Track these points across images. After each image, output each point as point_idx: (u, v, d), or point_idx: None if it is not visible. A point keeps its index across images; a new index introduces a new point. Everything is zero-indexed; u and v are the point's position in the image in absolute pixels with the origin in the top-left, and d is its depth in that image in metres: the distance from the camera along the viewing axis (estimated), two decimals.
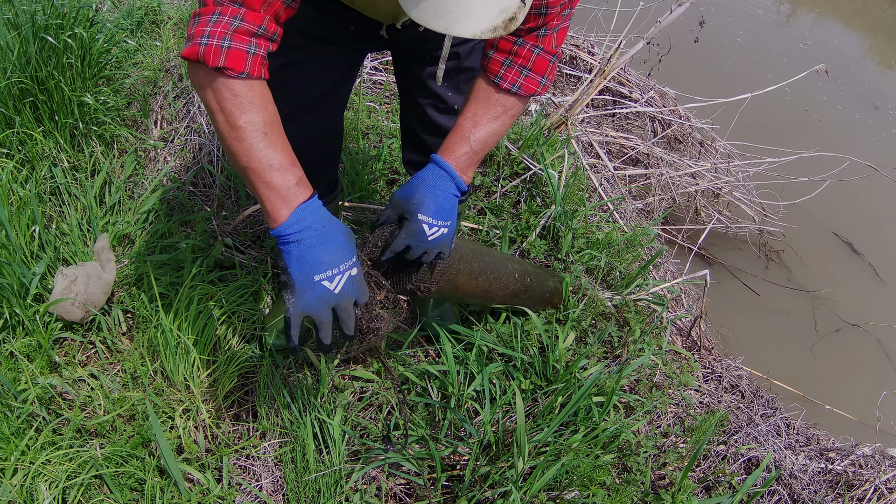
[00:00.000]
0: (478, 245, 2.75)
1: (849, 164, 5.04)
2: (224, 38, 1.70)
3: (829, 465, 3.14)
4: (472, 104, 2.16)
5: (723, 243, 4.93)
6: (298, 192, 1.80)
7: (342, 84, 2.56)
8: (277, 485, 2.57)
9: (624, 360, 3.07)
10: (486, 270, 2.60)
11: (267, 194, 1.79)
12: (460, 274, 2.44)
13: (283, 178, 1.78)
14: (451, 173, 2.09)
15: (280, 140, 1.81)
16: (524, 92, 2.14)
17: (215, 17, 1.71)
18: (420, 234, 2.03)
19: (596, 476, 2.57)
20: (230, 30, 1.70)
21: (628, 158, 4.70)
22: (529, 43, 2.08)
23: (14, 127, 3.48)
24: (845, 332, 4.56)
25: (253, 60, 1.74)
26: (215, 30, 1.70)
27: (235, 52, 1.71)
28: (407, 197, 2.05)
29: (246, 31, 1.73)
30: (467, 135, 2.12)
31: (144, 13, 4.63)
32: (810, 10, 8.77)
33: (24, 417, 2.56)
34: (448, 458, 2.67)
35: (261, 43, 1.76)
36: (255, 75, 1.75)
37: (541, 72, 2.13)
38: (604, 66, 4.35)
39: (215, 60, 1.70)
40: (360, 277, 1.83)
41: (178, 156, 3.77)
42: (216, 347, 2.83)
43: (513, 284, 2.76)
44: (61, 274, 2.84)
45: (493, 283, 2.66)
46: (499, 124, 2.17)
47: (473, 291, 2.61)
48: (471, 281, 2.53)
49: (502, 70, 2.11)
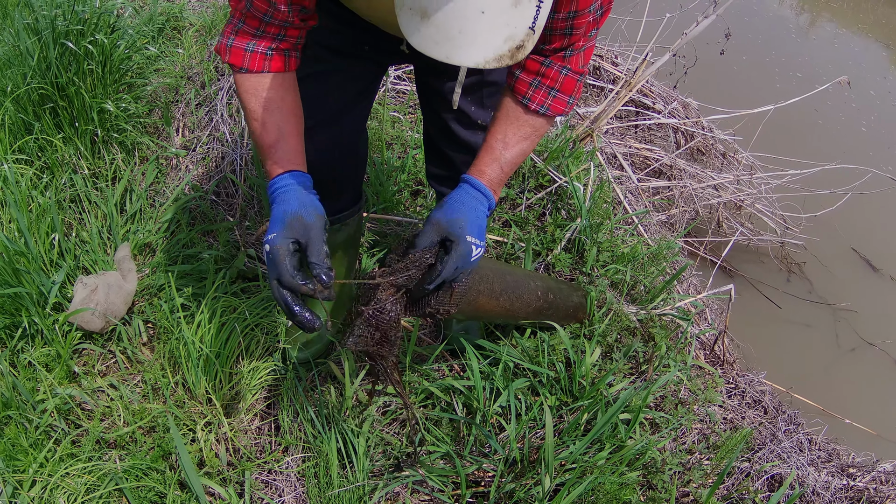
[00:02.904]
0: (498, 263, 2.72)
1: (870, 176, 4.99)
2: (230, 37, 1.95)
3: (850, 482, 3.11)
4: (502, 124, 2.12)
5: (744, 255, 4.89)
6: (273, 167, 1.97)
7: (364, 97, 2.53)
8: (300, 500, 2.54)
9: (650, 377, 3.04)
10: (508, 289, 2.56)
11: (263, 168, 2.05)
12: (481, 294, 2.40)
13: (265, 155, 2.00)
14: (486, 194, 2.05)
15: (270, 120, 1.99)
16: (552, 113, 2.11)
17: (230, 18, 1.96)
18: (467, 256, 1.96)
19: (622, 495, 2.53)
20: (234, 30, 1.95)
21: (651, 170, 4.66)
22: (557, 63, 2.03)
23: (34, 133, 3.47)
24: (865, 346, 4.52)
25: (251, 57, 1.95)
26: (227, 29, 1.96)
27: (236, 51, 1.95)
28: (451, 219, 1.97)
29: (246, 33, 1.94)
30: (498, 155, 2.08)
31: (166, 19, 4.62)
32: (830, 21, 8.72)
33: (43, 428, 2.54)
34: (473, 474, 2.64)
35: (261, 42, 1.95)
36: (254, 70, 1.96)
37: (568, 91, 2.09)
38: (630, 77, 4.32)
39: (224, 56, 1.97)
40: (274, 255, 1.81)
41: (201, 164, 3.75)
42: (239, 360, 2.80)
43: (535, 302, 2.72)
44: (81, 283, 2.82)
45: (515, 301, 2.61)
46: (527, 144, 2.14)
47: (495, 311, 2.57)
48: (492, 301, 2.49)
49: (530, 91, 2.07)
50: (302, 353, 2.87)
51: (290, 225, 1.83)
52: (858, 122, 6.65)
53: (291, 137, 2.00)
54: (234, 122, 3.90)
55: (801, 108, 5.29)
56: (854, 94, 6.69)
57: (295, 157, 1.99)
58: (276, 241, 1.81)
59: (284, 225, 1.83)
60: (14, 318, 2.78)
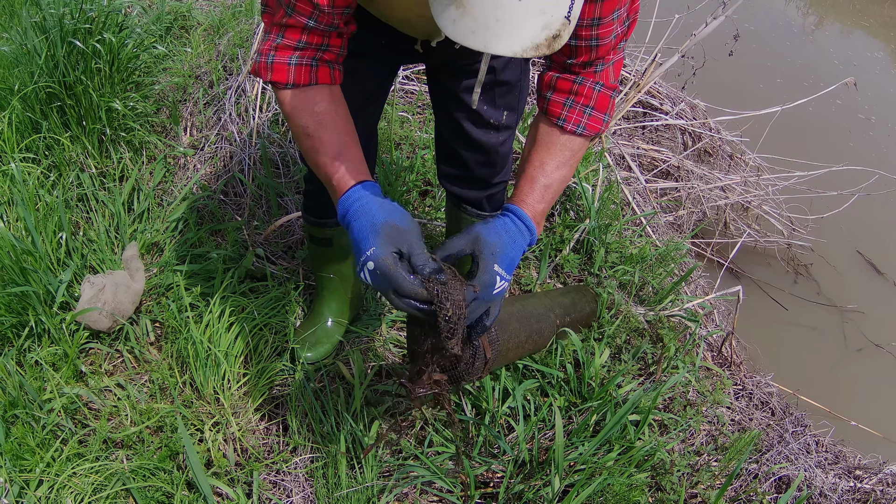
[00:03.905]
0: (522, 303, 2.69)
1: (877, 177, 4.98)
2: (269, 54, 1.86)
3: (857, 484, 3.10)
4: (539, 150, 2.06)
5: (751, 257, 4.88)
6: (339, 183, 1.87)
7: (376, 96, 2.52)
8: (308, 500, 2.53)
9: (659, 378, 3.03)
10: (532, 334, 2.58)
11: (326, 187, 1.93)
12: (510, 351, 2.41)
13: (326, 173, 1.89)
14: (531, 229, 1.98)
15: (324, 134, 1.89)
16: (589, 132, 2.04)
17: (266, 35, 1.89)
18: (490, 288, 1.85)
19: (631, 496, 2.53)
20: (273, 46, 1.85)
21: (659, 171, 4.65)
22: (589, 80, 1.99)
23: (41, 132, 3.46)
24: (872, 348, 4.50)
25: (297, 70, 1.85)
26: (264, 47, 1.87)
27: (278, 66, 1.85)
28: (490, 241, 1.88)
29: (287, 47, 1.85)
30: (538, 185, 2.02)
31: (174, 18, 4.62)
32: (836, 22, 8.71)
33: (50, 428, 2.54)
34: (482, 475, 2.63)
35: (305, 53, 1.86)
36: (301, 83, 1.86)
37: (603, 109, 2.04)
38: (639, 78, 4.31)
39: (265, 75, 1.86)
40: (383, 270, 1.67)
41: (209, 163, 3.75)
42: (247, 360, 2.79)
43: (555, 329, 2.75)
44: (88, 282, 2.81)
45: (539, 340, 2.66)
46: (567, 170, 2.07)
47: (522, 355, 2.65)
48: (518, 350, 2.53)
49: (564, 111, 2.01)
50: (311, 354, 2.86)
51: (388, 234, 1.71)
52: (865, 123, 6.63)
53: (352, 147, 1.91)
54: (242, 121, 3.89)
55: (808, 110, 5.28)
56: (861, 96, 6.67)
57: (361, 166, 1.90)
58: (380, 255, 1.68)
59: (380, 236, 1.71)
60: (21, 317, 2.78)
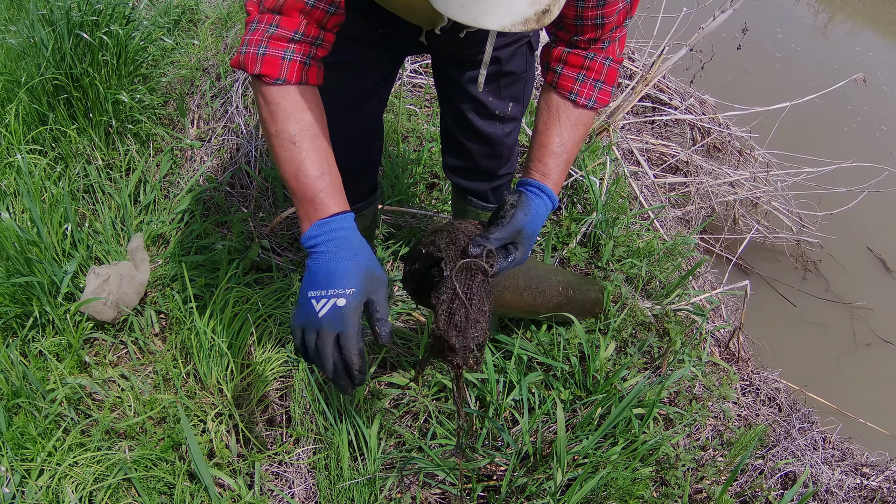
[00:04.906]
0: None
1: (886, 174, 4.96)
2: (260, 45, 1.72)
3: (864, 481, 3.09)
4: (555, 124, 2.07)
5: (760, 253, 4.86)
6: (322, 206, 1.74)
7: (380, 87, 2.51)
8: (310, 492, 2.53)
9: (664, 372, 3.01)
10: (532, 285, 2.54)
11: (295, 202, 1.77)
12: (506, 290, 2.38)
13: (306, 189, 1.75)
14: (555, 203, 2.03)
15: (311, 148, 1.77)
16: (599, 105, 2.09)
17: (254, 25, 1.74)
18: (521, 262, 1.94)
19: (635, 490, 2.51)
20: (265, 36, 1.72)
21: (668, 166, 4.64)
22: (600, 56, 2.02)
23: (48, 124, 3.47)
24: (880, 346, 4.48)
25: (290, 66, 1.74)
26: (253, 37, 1.73)
27: (270, 59, 1.72)
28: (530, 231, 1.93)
29: (282, 38, 1.73)
30: (559, 158, 2.04)
31: (182, 11, 4.62)
32: (847, 19, 8.68)
33: (52, 418, 2.54)
34: (485, 468, 2.62)
35: (300, 48, 1.76)
36: (292, 80, 1.75)
37: (611, 82, 2.08)
38: (646, 72, 4.29)
39: (252, 67, 1.72)
40: (347, 311, 1.63)
41: (215, 156, 3.74)
42: (251, 351, 2.79)
43: (556, 297, 2.71)
44: (93, 273, 2.81)
45: (538, 297, 2.61)
46: (580, 142, 2.12)
47: (518, 306, 2.57)
48: (516, 297, 2.48)
49: (576, 86, 2.04)
50: None
51: (367, 281, 1.68)
52: (875, 120, 6.61)
53: (335, 168, 1.82)
54: (248, 113, 3.89)
55: (818, 106, 5.25)
56: (870, 92, 6.64)
57: (342, 191, 1.81)
58: (355, 299, 1.64)
59: (361, 281, 1.67)
60: (25, 308, 2.78)
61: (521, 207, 1.94)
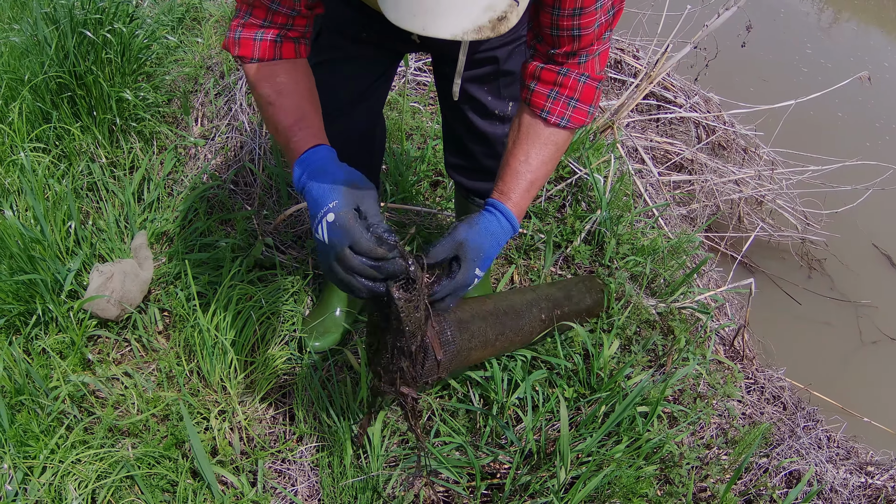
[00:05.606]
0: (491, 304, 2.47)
1: (891, 172, 4.95)
2: (237, 30, 1.92)
3: (869, 480, 3.08)
4: (523, 143, 2.03)
5: (764, 251, 4.85)
6: (297, 147, 1.87)
7: (378, 85, 2.50)
8: (313, 490, 2.53)
9: (669, 370, 3.01)
10: (505, 330, 2.41)
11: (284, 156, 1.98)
12: (473, 350, 2.24)
13: (286, 139, 1.90)
14: (514, 226, 1.98)
15: (285, 103, 1.92)
16: (573, 125, 2.01)
17: (237, 12, 1.93)
18: (465, 287, 1.88)
19: (639, 488, 2.51)
20: (241, 23, 1.91)
21: (672, 164, 4.62)
22: (574, 71, 1.95)
23: (51, 122, 3.47)
24: (886, 343, 4.47)
25: (261, 46, 1.91)
26: (234, 23, 1.93)
27: (244, 41, 1.91)
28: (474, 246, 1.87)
29: (252, 25, 1.91)
30: (522, 179, 2.00)
31: (185, 10, 4.62)
32: (852, 18, 8.66)
33: (55, 415, 2.54)
34: (488, 466, 2.61)
35: (269, 31, 1.91)
36: (265, 58, 1.92)
37: (588, 101, 2.00)
38: (650, 70, 4.29)
39: (233, 49, 1.93)
40: (341, 221, 1.66)
41: (219, 153, 3.74)
42: (254, 349, 2.79)
43: (540, 325, 2.60)
44: (97, 271, 2.81)
45: (514, 336, 2.48)
46: (552, 165, 2.06)
47: (491, 355, 2.47)
48: (486, 350, 2.34)
49: (548, 103, 1.98)
50: (318, 343, 2.85)
51: (349, 193, 1.71)
52: (879, 117, 6.59)
53: (313, 116, 1.92)
54: (252, 111, 3.89)
55: (822, 104, 5.24)
56: (875, 90, 6.62)
57: (320, 132, 1.90)
58: (341, 207, 1.67)
59: (343, 192, 1.70)
60: (29, 305, 2.78)
61: (467, 220, 1.92)
